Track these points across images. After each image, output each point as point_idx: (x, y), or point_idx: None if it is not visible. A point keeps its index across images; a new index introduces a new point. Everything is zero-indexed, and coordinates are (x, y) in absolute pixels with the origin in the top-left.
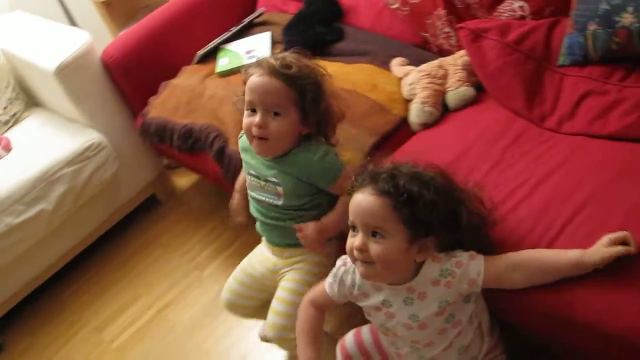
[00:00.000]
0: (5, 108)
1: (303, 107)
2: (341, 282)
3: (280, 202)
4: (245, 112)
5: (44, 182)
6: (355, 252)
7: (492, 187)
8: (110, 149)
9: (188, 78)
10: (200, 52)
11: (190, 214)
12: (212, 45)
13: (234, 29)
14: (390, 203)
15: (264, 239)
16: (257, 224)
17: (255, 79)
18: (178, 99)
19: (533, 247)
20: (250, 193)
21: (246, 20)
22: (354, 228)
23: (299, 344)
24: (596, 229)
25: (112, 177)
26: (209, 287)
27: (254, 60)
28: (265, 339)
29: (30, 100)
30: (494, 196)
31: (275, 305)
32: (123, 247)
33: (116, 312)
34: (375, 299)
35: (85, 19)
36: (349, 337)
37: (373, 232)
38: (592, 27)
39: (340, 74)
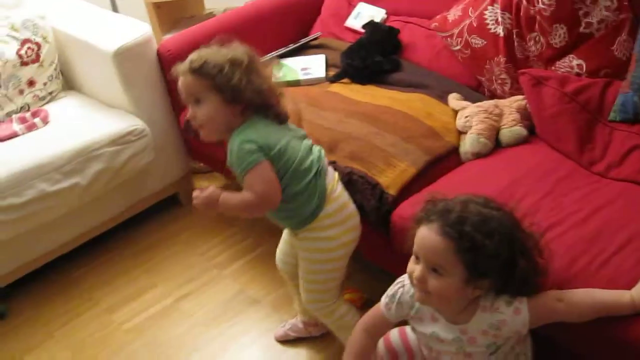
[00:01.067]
0: (45, 84)
1: (220, 89)
2: (399, 303)
3: None
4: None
5: (84, 156)
6: (415, 280)
7: (546, 210)
8: (151, 138)
9: None
10: None
11: (211, 218)
12: (269, 57)
13: (291, 47)
14: (454, 246)
15: None
16: None
17: (179, 80)
18: None
19: (584, 268)
20: None
21: (303, 41)
22: (417, 257)
23: None
24: None
25: (145, 166)
26: (229, 285)
27: (308, 77)
28: (281, 338)
29: (66, 83)
30: (549, 218)
31: (300, 284)
32: (142, 238)
33: (130, 297)
34: (428, 328)
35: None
36: (394, 334)
37: (433, 268)
38: None
39: (399, 101)
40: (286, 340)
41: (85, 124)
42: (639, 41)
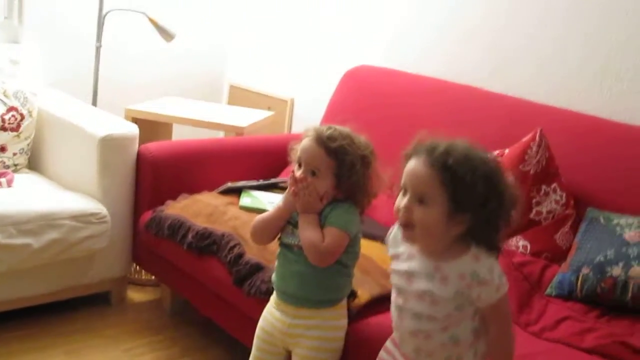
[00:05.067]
0: (14, 154)
1: (338, 175)
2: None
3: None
4: (295, 165)
5: (45, 221)
6: (401, 211)
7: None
8: (110, 226)
9: (211, 199)
10: (230, 184)
11: (139, 323)
12: (241, 184)
13: (261, 182)
14: (439, 177)
15: (274, 300)
16: (275, 275)
17: (306, 142)
18: (200, 209)
19: None
20: (284, 240)
21: (272, 180)
22: (404, 191)
23: None
24: None
25: (95, 252)
26: None
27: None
28: None
29: (29, 163)
30: None
31: None
32: (67, 323)
33: None
34: (404, 265)
35: None
36: None
37: (420, 198)
38: (585, 270)
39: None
40: None
41: (50, 195)
42: (580, 232)
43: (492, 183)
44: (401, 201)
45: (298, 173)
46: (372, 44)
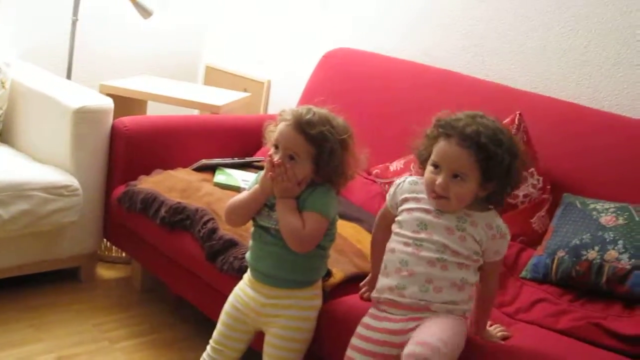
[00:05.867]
0: None
1: (317, 161)
2: (394, 194)
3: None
4: (272, 148)
5: (15, 191)
6: (437, 188)
7: None
8: (82, 199)
9: (185, 175)
10: (205, 162)
11: (109, 299)
12: (216, 162)
13: (236, 160)
14: (473, 154)
15: (247, 278)
16: (250, 254)
17: (283, 126)
18: (173, 184)
19: None
20: (260, 222)
21: (248, 159)
22: (436, 167)
23: None
24: None
25: (65, 226)
26: (118, 358)
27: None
28: None
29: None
30: None
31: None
32: (34, 296)
33: (11, 344)
34: (432, 204)
35: None
36: None
37: (455, 174)
38: (560, 253)
39: None
40: None
41: (21, 167)
42: (556, 216)
43: (514, 153)
44: (435, 177)
45: (276, 157)
46: (351, 26)
